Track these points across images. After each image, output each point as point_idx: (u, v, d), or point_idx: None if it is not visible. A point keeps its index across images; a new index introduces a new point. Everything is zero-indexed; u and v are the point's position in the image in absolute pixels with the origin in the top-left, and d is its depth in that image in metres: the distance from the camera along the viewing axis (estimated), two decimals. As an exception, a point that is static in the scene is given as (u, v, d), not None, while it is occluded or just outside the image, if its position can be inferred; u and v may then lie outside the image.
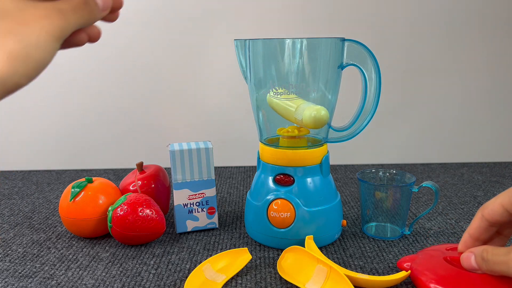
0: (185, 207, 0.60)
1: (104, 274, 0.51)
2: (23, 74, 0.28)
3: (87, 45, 0.36)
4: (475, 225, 0.45)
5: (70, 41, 0.33)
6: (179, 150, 0.59)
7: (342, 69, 0.57)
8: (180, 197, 0.60)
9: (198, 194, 0.61)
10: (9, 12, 0.30)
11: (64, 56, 0.92)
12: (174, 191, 0.60)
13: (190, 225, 0.61)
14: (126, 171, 0.95)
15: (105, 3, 0.35)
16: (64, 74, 0.93)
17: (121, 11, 0.37)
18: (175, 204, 0.61)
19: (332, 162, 0.95)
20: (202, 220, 0.62)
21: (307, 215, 0.55)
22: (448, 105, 0.96)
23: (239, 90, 0.93)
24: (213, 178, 0.61)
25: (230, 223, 0.66)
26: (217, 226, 0.63)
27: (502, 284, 0.42)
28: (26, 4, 0.31)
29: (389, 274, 0.50)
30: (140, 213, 0.56)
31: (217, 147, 0.98)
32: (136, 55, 0.92)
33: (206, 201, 0.61)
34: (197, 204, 0.61)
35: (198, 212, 0.61)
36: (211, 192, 0.61)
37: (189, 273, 0.51)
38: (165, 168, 0.94)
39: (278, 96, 0.56)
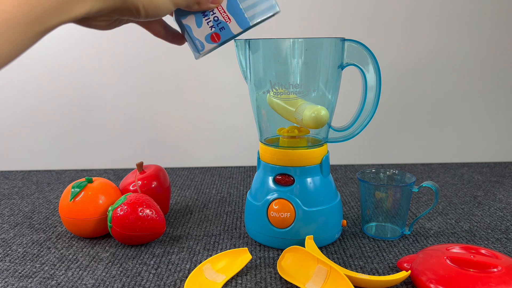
0: None
1: (104, 274, 0.51)
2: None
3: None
4: None
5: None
6: None
7: (342, 69, 0.57)
8: None
9: None
10: None
11: (65, 56, 0.92)
12: None
13: None
14: (126, 171, 0.95)
15: None
16: (65, 74, 0.93)
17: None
18: None
19: (332, 162, 0.95)
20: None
21: (307, 215, 0.55)
22: (448, 105, 0.96)
23: (239, 90, 0.93)
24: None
25: (230, 223, 0.66)
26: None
27: (502, 284, 0.42)
28: None
29: (389, 274, 0.50)
30: (140, 213, 0.56)
31: (217, 147, 0.98)
32: (136, 56, 0.92)
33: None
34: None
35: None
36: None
37: (189, 273, 0.51)
38: (165, 168, 0.94)
39: (278, 96, 0.56)
